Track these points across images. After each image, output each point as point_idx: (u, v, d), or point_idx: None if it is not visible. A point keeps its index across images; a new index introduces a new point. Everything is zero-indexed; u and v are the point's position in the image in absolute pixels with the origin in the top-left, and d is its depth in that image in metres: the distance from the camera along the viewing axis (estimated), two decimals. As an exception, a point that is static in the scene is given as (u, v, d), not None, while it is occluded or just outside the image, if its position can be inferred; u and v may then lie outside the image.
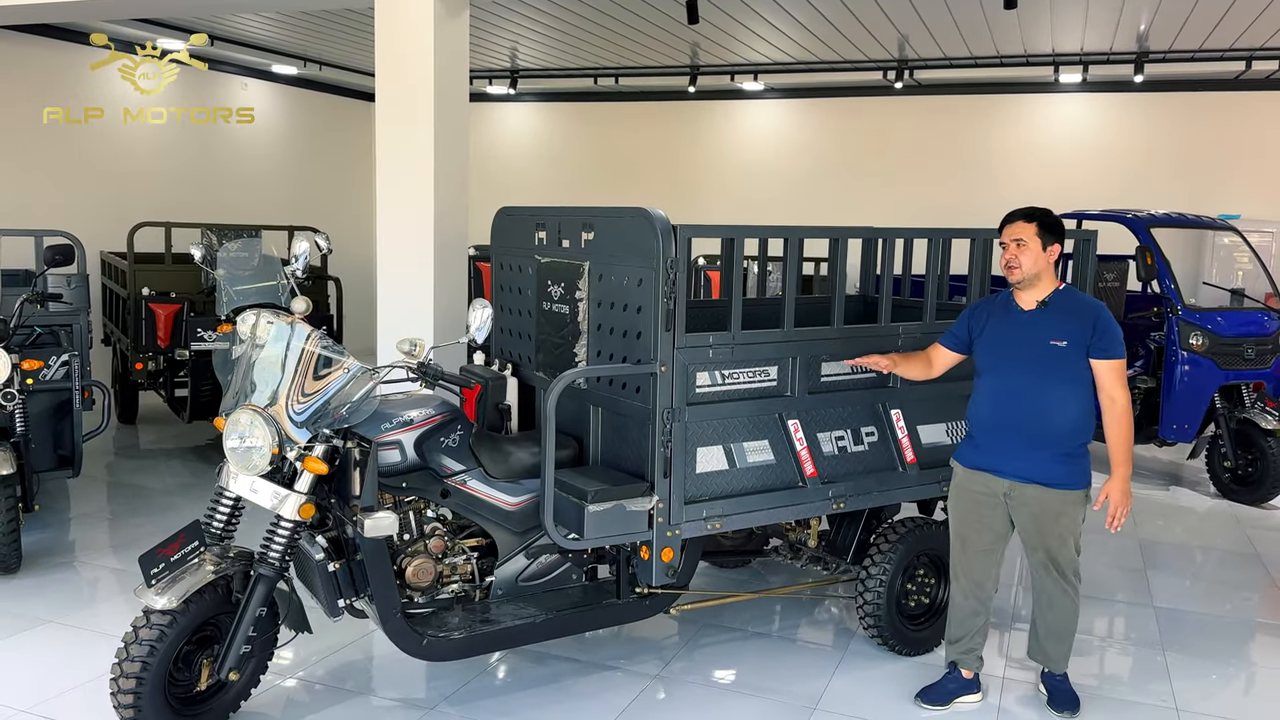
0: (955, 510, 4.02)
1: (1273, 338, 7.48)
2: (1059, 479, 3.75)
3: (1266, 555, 6.14)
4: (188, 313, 7.58)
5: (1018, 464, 3.79)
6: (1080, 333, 3.69)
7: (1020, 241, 3.74)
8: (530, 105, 13.56)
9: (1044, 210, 3.80)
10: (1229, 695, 4.27)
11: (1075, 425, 3.74)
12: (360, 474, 3.55)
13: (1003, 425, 3.80)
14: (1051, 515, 3.79)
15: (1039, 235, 3.73)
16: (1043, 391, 3.74)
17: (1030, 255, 3.73)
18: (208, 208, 10.76)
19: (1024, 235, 3.73)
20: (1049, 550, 3.86)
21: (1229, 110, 10.74)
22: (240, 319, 6.69)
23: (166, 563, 3.40)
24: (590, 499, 3.61)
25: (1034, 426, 3.73)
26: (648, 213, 3.69)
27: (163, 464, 7.62)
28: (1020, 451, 3.78)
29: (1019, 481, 3.79)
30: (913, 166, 11.84)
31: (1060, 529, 3.81)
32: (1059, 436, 3.74)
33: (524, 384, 4.60)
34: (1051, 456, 3.73)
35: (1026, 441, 3.76)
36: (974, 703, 4.04)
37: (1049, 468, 3.74)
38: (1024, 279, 3.76)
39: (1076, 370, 3.71)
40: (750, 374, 3.95)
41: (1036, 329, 3.76)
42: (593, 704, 3.97)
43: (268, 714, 3.81)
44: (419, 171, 6.17)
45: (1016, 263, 3.74)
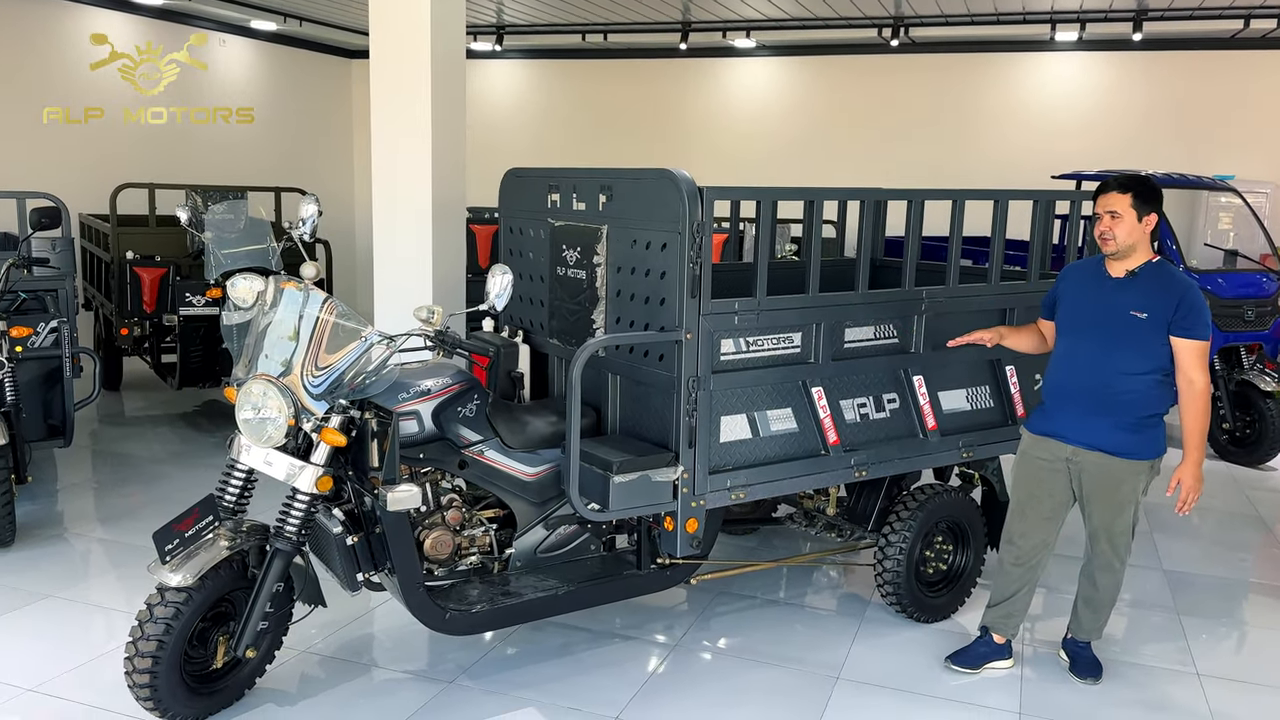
0: (1018, 476, 3.98)
1: (1272, 299, 7.48)
2: (1122, 448, 3.70)
3: (1269, 516, 6.17)
4: (174, 277, 7.38)
5: (1081, 430, 3.75)
6: (1164, 308, 3.60)
7: (1115, 214, 3.61)
8: (516, 63, 13.28)
9: (1140, 179, 3.67)
10: (1248, 659, 4.28)
11: (1142, 396, 3.67)
12: (378, 445, 3.45)
13: (1070, 390, 3.76)
14: (1112, 483, 3.75)
15: (1134, 206, 3.61)
16: (1113, 360, 3.67)
17: (1125, 227, 3.61)
18: (182, 168, 10.48)
19: (1118, 206, 3.61)
20: (1104, 518, 3.82)
21: (1225, 69, 10.66)
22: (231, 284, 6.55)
23: (181, 538, 3.28)
24: (616, 470, 3.52)
25: (1100, 393, 3.68)
26: (673, 174, 3.57)
27: (150, 431, 7.46)
28: (1084, 417, 3.73)
29: (1083, 447, 3.75)
30: (907, 126, 11.70)
31: (1120, 498, 3.76)
32: (1125, 405, 3.68)
33: (535, 351, 4.49)
34: (1115, 424, 3.68)
35: (1092, 408, 3.71)
36: (1004, 668, 4.02)
37: (1112, 435, 3.70)
38: (1118, 251, 3.65)
39: (1152, 344, 3.63)
40: (775, 340, 3.86)
41: (1119, 297, 3.67)
42: (614, 674, 3.91)
43: (283, 690, 3.72)
44: (416, 132, 5.97)
45: (1110, 234, 3.63)
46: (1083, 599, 4.01)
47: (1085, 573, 4.00)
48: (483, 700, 3.69)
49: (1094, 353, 3.71)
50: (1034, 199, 4.56)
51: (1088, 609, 4.00)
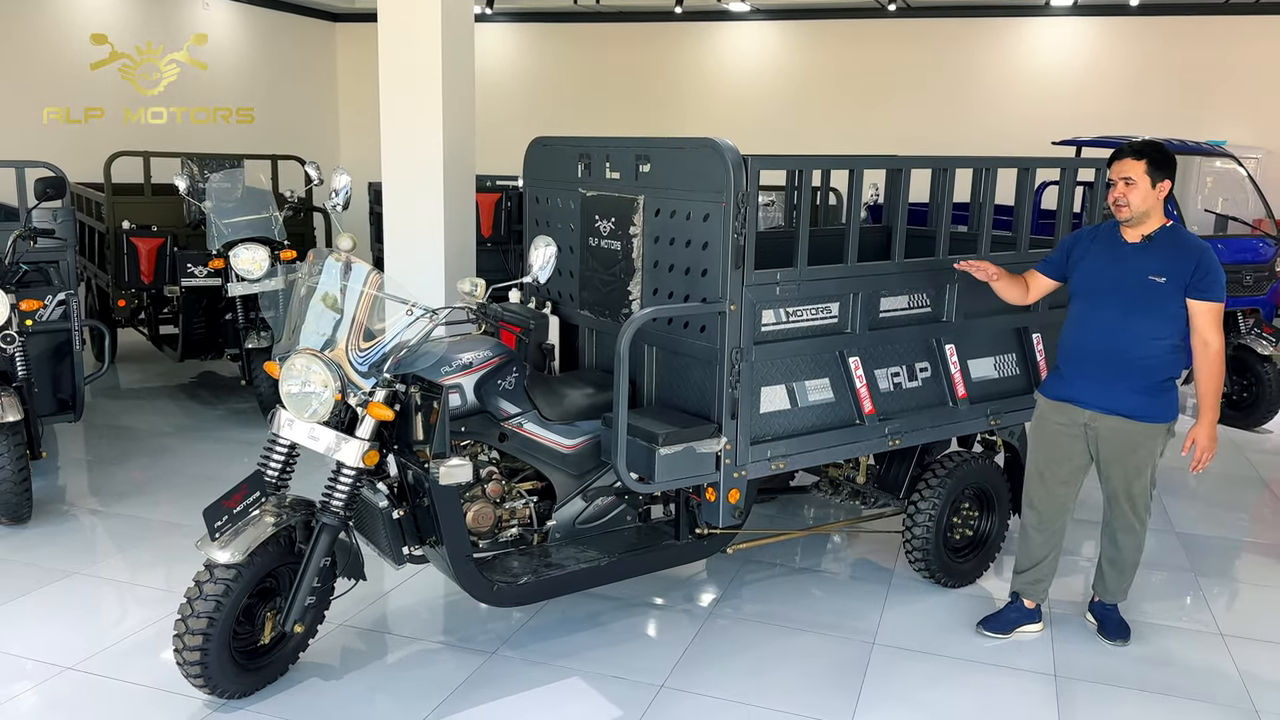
0: (1036, 442, 4.02)
1: (1269, 264, 7.58)
2: (1139, 411, 3.75)
3: (1271, 479, 6.29)
4: (172, 247, 7.26)
5: (1099, 394, 3.79)
6: (1181, 271, 3.64)
7: (1129, 180, 3.65)
8: (507, 26, 13.10)
9: (1154, 145, 3.70)
10: (1266, 618, 4.37)
11: (1159, 361, 3.72)
12: (423, 419, 3.42)
13: (1088, 355, 3.79)
14: (1130, 447, 3.81)
15: (1148, 173, 3.64)
16: (1131, 325, 3.71)
17: (1139, 193, 3.65)
18: (168, 135, 10.29)
19: (1133, 173, 3.65)
20: (1124, 481, 3.88)
21: (1216, 35, 10.73)
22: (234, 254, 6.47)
23: (230, 515, 3.26)
24: (661, 442, 3.52)
25: (1118, 358, 3.72)
26: (716, 144, 3.54)
27: (150, 404, 7.37)
28: (1102, 382, 3.78)
29: (1100, 412, 3.80)
30: (903, 91, 11.69)
31: (1137, 461, 3.82)
32: (1142, 370, 3.73)
33: (564, 323, 4.47)
34: (1132, 388, 3.73)
35: (1109, 372, 3.76)
36: (1034, 632, 4.09)
37: (1130, 399, 3.75)
38: (1133, 217, 3.69)
39: (1170, 308, 3.68)
40: (813, 311, 3.86)
41: (1137, 263, 3.71)
42: (652, 643, 3.95)
43: (327, 664, 3.72)
44: (427, 97, 5.90)
45: (1125, 201, 3.66)
46: (1106, 560, 4.08)
47: (1107, 533, 4.07)
48: (527, 671, 3.71)
49: (1113, 317, 3.75)
50: (1062, 167, 4.57)
51: (1113, 570, 4.07)
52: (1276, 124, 10.73)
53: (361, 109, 13.43)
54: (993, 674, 3.82)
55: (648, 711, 3.46)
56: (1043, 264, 4.01)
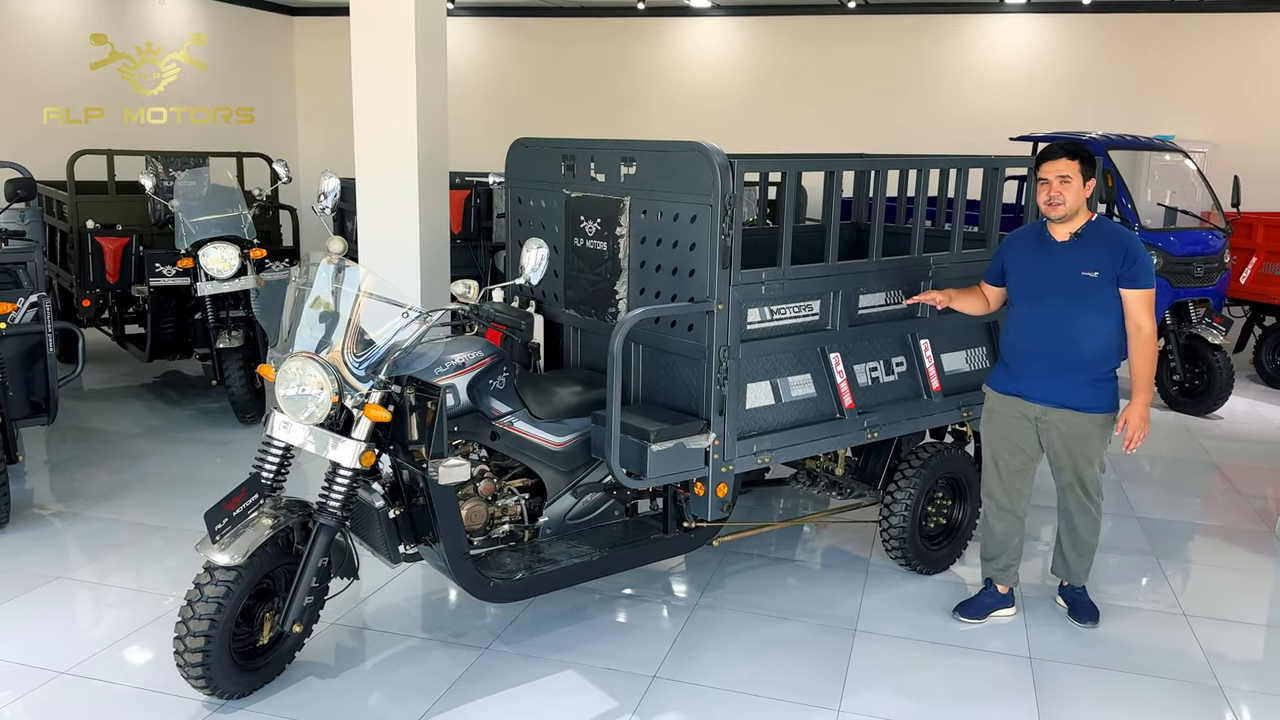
0: (988, 434, 4.16)
1: (1218, 255, 7.84)
2: (1087, 403, 3.92)
3: (1223, 464, 6.54)
4: (138, 246, 7.18)
5: (1048, 389, 3.94)
6: (1111, 263, 3.81)
7: (1065, 178, 3.80)
8: (469, 21, 13.06)
9: (1082, 145, 3.88)
10: (1225, 598, 4.57)
11: (1103, 352, 3.89)
12: (418, 419, 3.47)
13: (1035, 352, 3.94)
14: (1080, 438, 3.97)
15: (1081, 171, 3.81)
16: (1073, 320, 3.87)
17: (1074, 191, 3.81)
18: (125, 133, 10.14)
19: (1069, 172, 3.80)
20: (1076, 471, 4.04)
21: (1165, 32, 11.03)
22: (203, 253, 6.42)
23: (230, 517, 3.29)
24: (653, 439, 3.61)
25: (1064, 354, 3.88)
26: (704, 147, 3.63)
27: (117, 405, 7.30)
28: (1050, 377, 3.93)
29: (1050, 406, 3.95)
30: (862, 87, 11.87)
31: (1088, 450, 3.99)
32: (1087, 363, 3.89)
33: (549, 321, 4.53)
34: (1080, 382, 3.90)
35: (1056, 368, 3.91)
36: (1008, 616, 4.25)
37: (1078, 392, 3.91)
38: (1065, 214, 3.84)
39: (1106, 299, 3.84)
40: (796, 309, 3.97)
41: (1069, 260, 3.87)
42: (642, 635, 4.03)
43: (322, 662, 3.76)
44: (401, 93, 5.89)
45: (1060, 199, 3.81)
46: (1066, 543, 4.25)
47: (1063, 518, 4.23)
48: (522, 665, 3.78)
49: (1055, 315, 3.90)
50: (1029, 166, 4.71)
51: (1073, 552, 4.24)
52: (1223, 118, 11.07)
53: (320, 104, 13.33)
54: (970, 657, 3.97)
55: (643, 701, 3.56)
56: (986, 275, 4.18)
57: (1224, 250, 7.93)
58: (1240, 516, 5.60)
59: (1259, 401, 8.22)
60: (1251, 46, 10.97)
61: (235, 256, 6.53)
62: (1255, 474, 6.38)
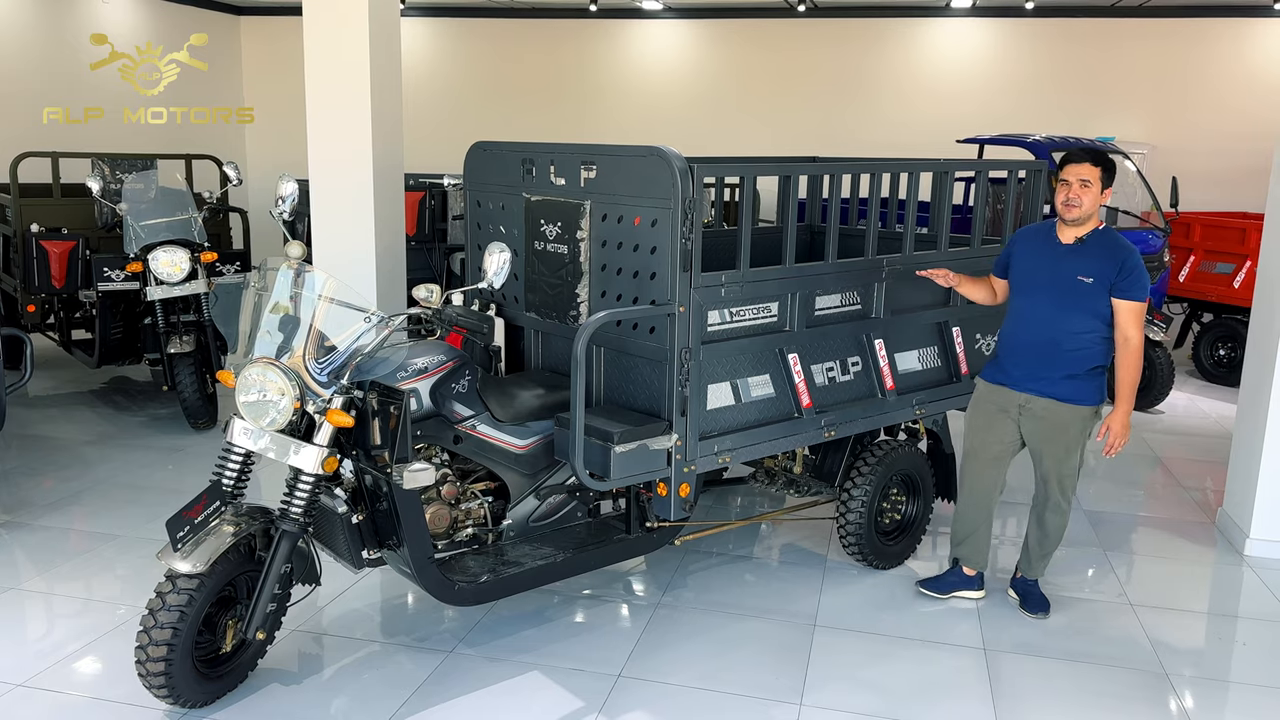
0: (971, 422, 4.35)
1: (1158, 255, 8.07)
2: (1068, 395, 4.08)
3: (1165, 457, 6.74)
4: (84, 250, 7.05)
5: (1032, 379, 4.12)
6: (1108, 272, 3.93)
7: (1086, 182, 3.92)
8: (422, 21, 12.98)
9: (1106, 154, 4.00)
10: (1168, 588, 4.72)
11: (1087, 351, 4.04)
12: (381, 424, 3.48)
13: (1023, 345, 4.12)
14: (1059, 428, 4.12)
15: (1102, 179, 3.93)
16: (1062, 320, 4.02)
17: (1092, 196, 3.93)
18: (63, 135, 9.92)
19: (1090, 177, 3.91)
20: (1053, 462, 4.20)
21: (1105, 36, 11.32)
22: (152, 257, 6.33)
23: (191, 525, 3.26)
24: (617, 440, 3.64)
25: (1050, 349, 4.05)
26: (663, 152, 3.67)
27: (67, 412, 7.17)
28: (1035, 369, 4.10)
29: (1033, 395, 4.12)
30: (811, 90, 12.01)
31: (1067, 441, 4.14)
32: (1071, 359, 4.06)
33: (509, 324, 4.55)
34: (1063, 374, 4.06)
35: (1042, 360, 4.08)
36: (974, 598, 4.42)
37: (1060, 384, 4.07)
38: (1080, 218, 3.96)
39: (1097, 306, 3.97)
40: (755, 311, 4.03)
41: (1069, 263, 4.00)
42: (605, 635, 4.07)
43: (285, 669, 3.74)
44: (355, 95, 5.88)
45: (1078, 201, 3.93)
46: (1034, 539, 4.38)
47: (1035, 514, 4.37)
48: (487, 667, 3.80)
49: (1045, 312, 4.06)
50: (976, 169, 4.84)
51: (1039, 549, 4.37)
52: (1162, 120, 11.39)
53: (268, 106, 13.16)
54: (927, 649, 4.06)
55: (609, 700, 3.59)
56: (995, 266, 4.34)
57: (1163, 249, 8.17)
58: (1182, 508, 5.78)
59: (1198, 396, 8.47)
60: (1190, 51, 11.30)
61: (185, 260, 6.44)
62: (1195, 466, 6.58)
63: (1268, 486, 5.03)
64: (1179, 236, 9.09)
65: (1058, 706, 3.67)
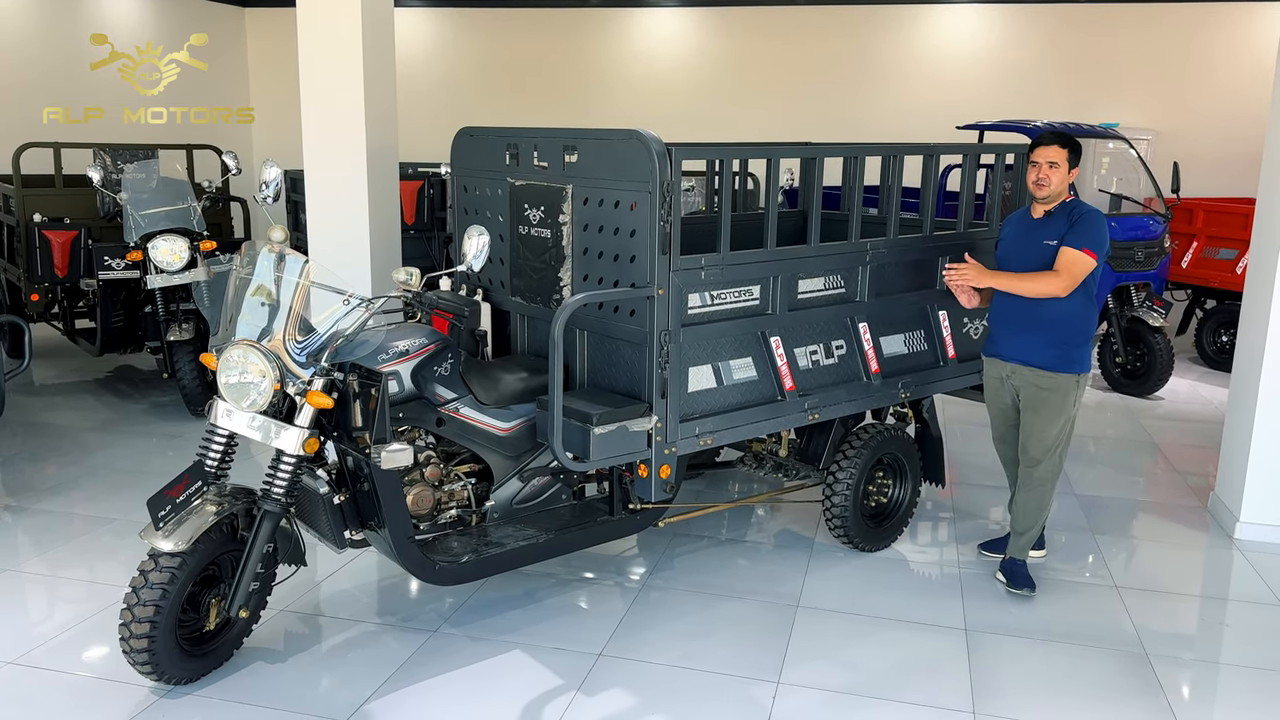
0: (985, 396, 4.56)
1: (1158, 240, 8.04)
2: (1050, 362, 4.21)
3: (1162, 444, 6.73)
4: (86, 240, 7.13)
5: (1016, 348, 4.28)
6: (1064, 230, 4.09)
7: (1054, 164, 4.10)
8: (418, 11, 13.02)
9: (1072, 136, 4.16)
10: (1155, 571, 4.73)
11: (1065, 318, 4.16)
12: (361, 405, 3.52)
13: (1008, 316, 4.28)
14: (1042, 395, 4.24)
15: (1069, 160, 4.10)
16: None
17: (1059, 175, 4.10)
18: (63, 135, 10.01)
19: (1057, 158, 4.10)
20: (1036, 430, 4.30)
21: (1108, 22, 11.24)
22: (152, 246, 6.40)
23: (173, 505, 3.32)
24: (596, 422, 3.68)
25: (1031, 317, 4.19)
26: (641, 135, 3.70)
27: (71, 400, 7.26)
28: (1018, 337, 4.26)
29: (1017, 364, 4.27)
30: (813, 77, 11.99)
31: (1050, 408, 4.24)
32: (1049, 326, 4.17)
33: (496, 309, 4.58)
34: (1043, 342, 4.19)
35: (1024, 329, 4.23)
36: (1036, 557, 4.67)
37: (1040, 352, 4.21)
38: (1049, 195, 4.13)
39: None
40: (737, 294, 4.05)
41: (1037, 233, 4.20)
42: (589, 615, 4.11)
43: (271, 648, 3.80)
44: (348, 84, 5.90)
45: (1046, 181, 4.11)
46: (1017, 514, 4.48)
47: (1013, 491, 4.51)
48: (470, 646, 3.84)
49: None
50: (964, 153, 4.84)
51: (1018, 523, 4.47)
52: (1165, 107, 11.32)
53: (274, 96, 13.24)
54: (908, 630, 4.08)
55: (588, 679, 3.63)
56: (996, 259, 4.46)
57: (1165, 235, 8.13)
58: (1176, 493, 5.78)
59: (1200, 383, 8.44)
60: (1192, 37, 11.22)
61: (185, 249, 6.50)
62: (1193, 452, 6.57)
63: (1257, 470, 5.02)
64: (1182, 223, 9.05)
65: (1035, 686, 3.68)
